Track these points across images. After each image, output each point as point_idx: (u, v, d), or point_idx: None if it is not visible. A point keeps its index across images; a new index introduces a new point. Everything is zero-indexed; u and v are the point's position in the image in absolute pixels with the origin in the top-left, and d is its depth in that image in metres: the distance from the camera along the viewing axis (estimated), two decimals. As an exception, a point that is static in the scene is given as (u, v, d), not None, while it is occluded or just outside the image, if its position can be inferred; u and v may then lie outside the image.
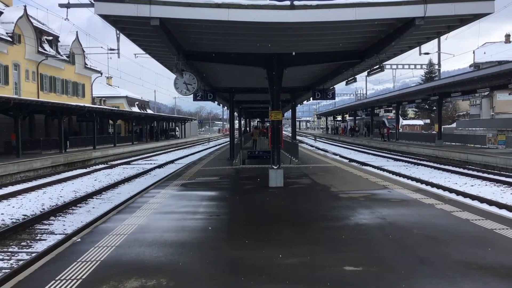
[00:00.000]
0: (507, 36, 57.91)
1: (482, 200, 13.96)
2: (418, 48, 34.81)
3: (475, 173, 21.17)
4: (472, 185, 17.66)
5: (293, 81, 19.97)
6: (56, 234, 10.84)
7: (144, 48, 12.59)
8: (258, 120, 72.77)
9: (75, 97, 46.61)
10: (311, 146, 49.79)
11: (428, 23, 9.37)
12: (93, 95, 55.08)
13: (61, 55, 43.70)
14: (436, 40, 40.87)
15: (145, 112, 66.86)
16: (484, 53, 52.82)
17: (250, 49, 12.58)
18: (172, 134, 68.31)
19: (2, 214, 13.01)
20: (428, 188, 15.68)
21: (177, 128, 72.19)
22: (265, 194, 11.84)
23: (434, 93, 34.63)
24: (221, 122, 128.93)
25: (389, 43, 10.82)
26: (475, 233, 7.25)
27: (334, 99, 23.27)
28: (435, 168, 24.37)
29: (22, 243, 10.05)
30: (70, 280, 5.25)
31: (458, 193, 15.41)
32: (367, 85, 77.66)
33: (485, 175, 20.15)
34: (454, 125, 58.53)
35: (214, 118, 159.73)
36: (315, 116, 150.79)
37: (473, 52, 55.91)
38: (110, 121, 46.88)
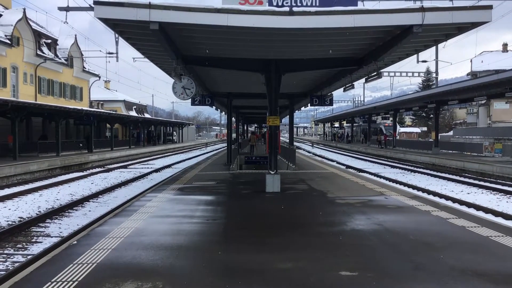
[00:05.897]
0: (505, 45, 58.21)
1: (478, 207, 13.99)
2: (415, 56, 34.97)
3: (471, 181, 21.22)
4: (468, 193, 17.71)
5: (291, 87, 20.02)
6: (52, 237, 10.81)
7: (143, 52, 12.64)
8: (256, 125, 72.87)
9: (73, 100, 46.62)
10: (308, 152, 49.86)
11: (426, 31, 9.42)
12: (91, 99, 55.09)
13: (60, 58, 43.71)
14: (433, 48, 41.10)
15: (143, 116, 66.86)
16: (482, 61, 53.04)
17: (249, 55, 12.63)
18: (169, 139, 68.27)
19: (-2, 216, 12.97)
20: (425, 195, 15.72)
21: (174, 132, 72.14)
22: (261, 199, 11.85)
23: (431, 101, 34.78)
24: (219, 128, 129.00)
25: (387, 50, 10.88)
26: (470, 240, 7.27)
27: (332, 105, 23.27)
28: (431, 175, 24.43)
29: (18, 245, 10.02)
30: (66, 282, 5.24)
31: (454, 200, 15.45)
32: (365, 92, 77.97)
33: (482, 183, 20.20)
34: (451, 133, 58.61)
35: (211, 123, 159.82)
36: (313, 122, 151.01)
37: (471, 61, 56.11)
38: (108, 125, 46.87)
